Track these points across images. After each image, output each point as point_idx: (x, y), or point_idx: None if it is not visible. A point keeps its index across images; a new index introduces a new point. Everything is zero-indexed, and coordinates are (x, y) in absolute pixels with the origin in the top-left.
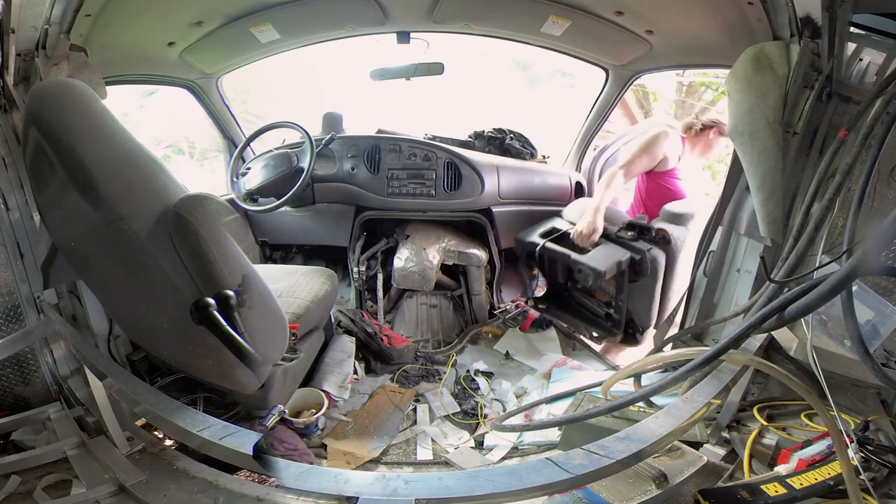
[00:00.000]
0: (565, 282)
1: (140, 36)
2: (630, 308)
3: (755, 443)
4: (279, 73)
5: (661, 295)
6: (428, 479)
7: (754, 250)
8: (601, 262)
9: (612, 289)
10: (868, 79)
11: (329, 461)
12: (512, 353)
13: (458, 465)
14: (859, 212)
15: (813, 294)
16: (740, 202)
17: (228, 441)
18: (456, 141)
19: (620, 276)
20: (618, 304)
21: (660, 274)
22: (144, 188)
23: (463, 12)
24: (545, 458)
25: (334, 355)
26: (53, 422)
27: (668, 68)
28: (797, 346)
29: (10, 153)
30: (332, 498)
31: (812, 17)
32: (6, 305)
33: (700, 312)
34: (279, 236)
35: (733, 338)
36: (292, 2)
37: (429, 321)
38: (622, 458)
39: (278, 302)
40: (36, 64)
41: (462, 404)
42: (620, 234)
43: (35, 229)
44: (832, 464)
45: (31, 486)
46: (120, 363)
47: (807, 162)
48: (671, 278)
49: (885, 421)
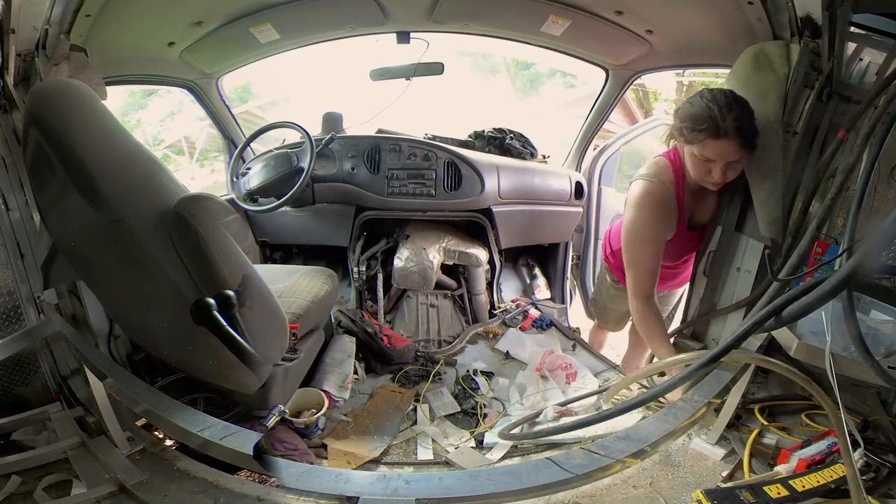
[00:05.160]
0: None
1: (140, 36)
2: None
3: (755, 442)
4: (279, 74)
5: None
6: (428, 479)
7: (754, 250)
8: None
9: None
10: (868, 79)
11: (329, 461)
12: (512, 353)
13: (459, 465)
14: (859, 212)
15: (813, 294)
16: (740, 201)
17: (229, 441)
18: (456, 141)
19: None
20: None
21: None
22: (144, 188)
23: (463, 12)
24: (545, 458)
25: (334, 355)
26: (53, 422)
27: (668, 68)
28: (797, 347)
29: (10, 153)
30: (332, 498)
31: (812, 17)
32: (6, 305)
33: (700, 312)
34: (279, 236)
35: (736, 337)
36: (292, 2)
37: (429, 321)
38: (622, 457)
39: (278, 302)
40: (36, 64)
41: (462, 404)
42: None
43: (35, 229)
44: (833, 466)
45: (32, 487)
46: (120, 363)
47: (807, 162)
48: None
49: (885, 421)
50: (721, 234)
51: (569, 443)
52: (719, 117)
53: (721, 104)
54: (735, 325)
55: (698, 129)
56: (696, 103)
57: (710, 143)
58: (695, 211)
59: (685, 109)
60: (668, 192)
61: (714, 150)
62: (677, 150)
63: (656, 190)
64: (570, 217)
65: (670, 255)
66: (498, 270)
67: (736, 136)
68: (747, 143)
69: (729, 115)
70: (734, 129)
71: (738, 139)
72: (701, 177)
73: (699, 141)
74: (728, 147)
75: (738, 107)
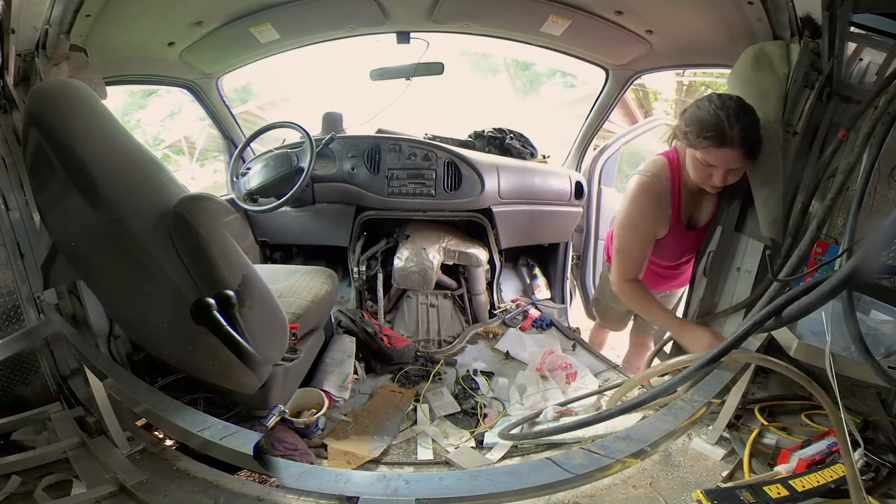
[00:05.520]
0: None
1: (140, 36)
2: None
3: (755, 442)
4: (279, 74)
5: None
6: (428, 479)
7: (754, 250)
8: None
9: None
10: (868, 79)
11: (329, 461)
12: (512, 353)
13: (459, 465)
14: (859, 212)
15: (813, 294)
16: (740, 202)
17: (229, 441)
18: (456, 141)
19: None
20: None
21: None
22: (144, 188)
23: (463, 12)
24: (545, 458)
25: (334, 355)
26: (53, 422)
27: (668, 68)
28: (797, 347)
29: (10, 153)
30: (332, 498)
31: (812, 17)
32: (6, 305)
33: (700, 312)
34: (279, 236)
35: (736, 337)
36: (292, 2)
37: (429, 321)
38: (622, 457)
39: (278, 302)
40: (36, 64)
41: (462, 404)
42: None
43: (35, 229)
44: (833, 466)
45: (32, 487)
46: (120, 363)
47: (807, 162)
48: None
49: (885, 421)
50: (721, 234)
51: (569, 443)
52: (727, 126)
53: (730, 112)
54: (735, 325)
55: (704, 136)
56: (704, 108)
57: (714, 150)
58: (693, 211)
59: (692, 113)
60: (663, 189)
61: (717, 158)
62: (677, 150)
63: (651, 185)
64: (570, 217)
65: (669, 255)
66: (498, 270)
67: (741, 145)
68: (751, 153)
69: (736, 125)
70: (740, 138)
71: (742, 149)
72: (701, 180)
73: (703, 147)
74: (731, 155)
75: (745, 116)
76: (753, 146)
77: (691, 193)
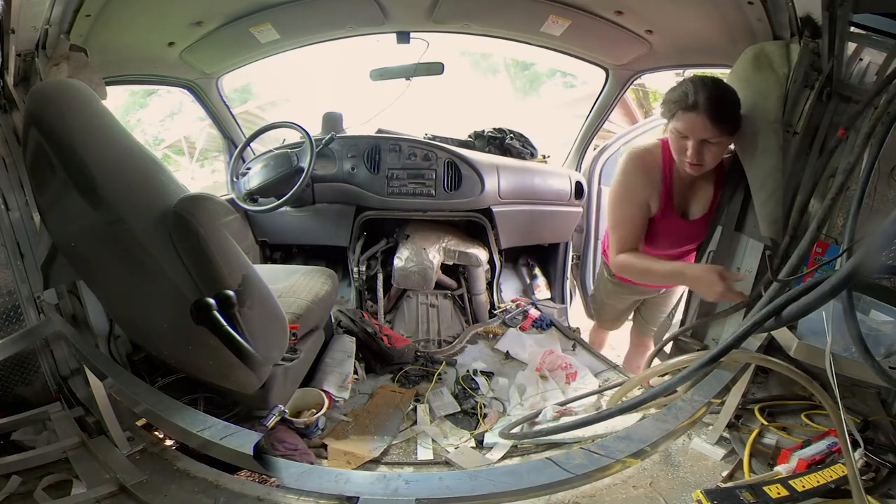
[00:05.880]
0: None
1: (140, 36)
2: None
3: (755, 442)
4: (279, 74)
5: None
6: (429, 479)
7: (754, 250)
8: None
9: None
10: (868, 79)
11: (329, 461)
12: (512, 353)
13: (459, 465)
14: (859, 212)
15: (813, 294)
16: (740, 202)
17: (229, 441)
18: (456, 141)
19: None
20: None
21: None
22: (144, 188)
23: (463, 12)
24: (545, 458)
25: (334, 355)
26: (53, 422)
27: (668, 68)
28: (797, 347)
29: (10, 153)
30: (332, 498)
31: (812, 17)
32: (6, 305)
33: (700, 312)
34: (279, 236)
35: (736, 336)
36: (292, 2)
37: (429, 321)
38: (622, 457)
39: (278, 302)
40: (36, 64)
41: (462, 404)
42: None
43: (35, 229)
44: (833, 466)
45: (32, 487)
46: (120, 363)
47: (807, 162)
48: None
49: (885, 421)
50: (721, 234)
51: (569, 443)
52: (692, 91)
53: (696, 82)
54: (735, 325)
55: (673, 101)
56: (679, 83)
57: (681, 114)
58: (687, 200)
59: (670, 89)
60: (653, 161)
61: (685, 123)
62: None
63: (642, 155)
64: (570, 217)
65: (663, 242)
66: (498, 270)
67: (706, 111)
68: (719, 122)
69: (702, 91)
70: (704, 103)
71: (708, 114)
72: (678, 154)
73: (672, 113)
74: (698, 121)
75: (713, 87)
76: (720, 115)
77: (683, 181)
